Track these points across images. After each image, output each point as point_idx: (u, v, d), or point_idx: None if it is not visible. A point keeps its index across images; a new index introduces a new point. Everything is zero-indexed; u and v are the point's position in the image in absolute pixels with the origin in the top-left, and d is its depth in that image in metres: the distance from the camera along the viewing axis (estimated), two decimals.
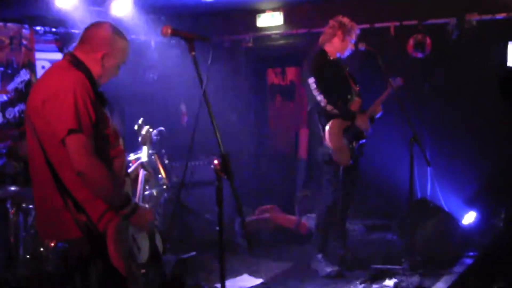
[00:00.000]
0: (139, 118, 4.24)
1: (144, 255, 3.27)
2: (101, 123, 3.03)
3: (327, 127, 5.52)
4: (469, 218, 6.81)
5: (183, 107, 8.49)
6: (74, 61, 3.10)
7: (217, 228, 3.12)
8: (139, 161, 3.83)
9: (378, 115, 5.83)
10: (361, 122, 5.63)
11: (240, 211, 3.79)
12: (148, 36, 7.91)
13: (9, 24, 6.33)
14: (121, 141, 3.27)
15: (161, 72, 8.06)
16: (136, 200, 3.44)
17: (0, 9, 6.04)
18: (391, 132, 6.67)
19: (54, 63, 3.29)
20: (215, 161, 3.02)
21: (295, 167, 8.52)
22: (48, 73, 3.18)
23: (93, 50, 3.13)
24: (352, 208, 6.13)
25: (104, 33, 3.17)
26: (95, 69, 3.13)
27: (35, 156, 3.04)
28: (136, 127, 4.22)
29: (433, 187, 7.19)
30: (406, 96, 6.03)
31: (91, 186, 2.92)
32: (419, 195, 7.14)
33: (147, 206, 3.37)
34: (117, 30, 3.24)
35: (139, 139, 4.19)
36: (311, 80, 5.49)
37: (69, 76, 2.99)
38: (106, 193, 2.97)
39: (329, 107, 5.46)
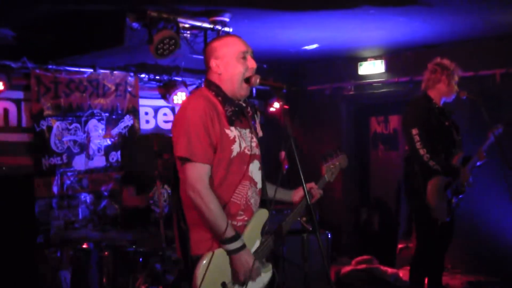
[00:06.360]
0: None
1: None
2: (223, 145, 3.09)
3: (429, 185, 5.21)
4: None
5: (282, 154, 8.49)
6: (206, 83, 3.27)
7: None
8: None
9: (479, 163, 5.48)
10: (463, 175, 5.35)
11: (326, 260, 3.69)
12: None
13: (116, 72, 6.59)
14: (252, 166, 3.24)
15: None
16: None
17: (108, 58, 6.31)
18: (495, 184, 6.30)
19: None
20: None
21: (396, 218, 8.25)
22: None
23: (208, 66, 3.27)
24: (454, 263, 5.80)
25: (207, 49, 3.31)
26: (218, 80, 3.22)
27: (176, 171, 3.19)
28: None
29: None
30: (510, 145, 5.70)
31: (198, 212, 3.00)
32: None
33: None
34: (216, 38, 3.42)
35: None
36: (415, 132, 5.20)
37: (187, 105, 3.12)
38: (210, 223, 2.99)
39: (431, 163, 5.15)
